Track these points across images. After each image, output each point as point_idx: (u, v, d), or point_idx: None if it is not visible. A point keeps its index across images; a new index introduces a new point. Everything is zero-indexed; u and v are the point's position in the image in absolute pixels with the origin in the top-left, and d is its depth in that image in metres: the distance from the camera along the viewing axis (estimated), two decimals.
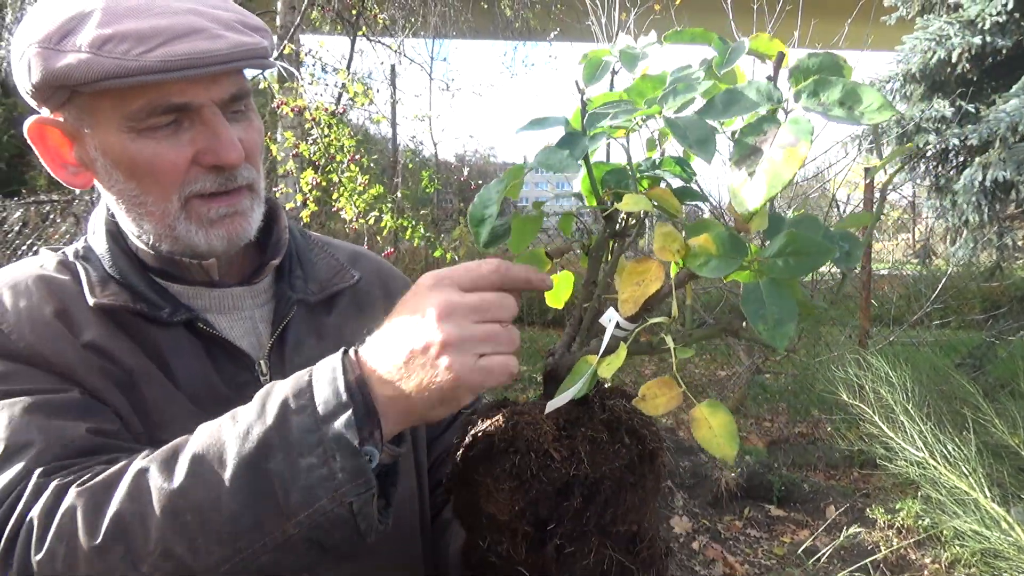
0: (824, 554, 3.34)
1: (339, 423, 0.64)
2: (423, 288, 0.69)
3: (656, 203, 0.67)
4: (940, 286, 5.47)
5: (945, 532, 3.01)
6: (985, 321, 5.90)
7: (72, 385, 0.78)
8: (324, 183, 4.51)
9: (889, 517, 3.64)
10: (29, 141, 0.84)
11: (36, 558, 0.64)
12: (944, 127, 5.49)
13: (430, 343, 0.65)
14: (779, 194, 0.57)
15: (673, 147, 0.74)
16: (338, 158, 4.48)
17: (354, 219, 4.42)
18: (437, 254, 4.88)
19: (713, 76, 0.66)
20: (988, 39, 5.25)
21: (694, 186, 0.74)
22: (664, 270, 0.66)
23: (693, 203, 0.75)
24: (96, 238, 0.90)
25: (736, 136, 0.60)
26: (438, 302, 0.66)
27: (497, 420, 0.72)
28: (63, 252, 0.91)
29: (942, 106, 5.48)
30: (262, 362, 0.90)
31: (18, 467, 0.70)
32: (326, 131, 4.42)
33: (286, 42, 4.92)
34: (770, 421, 5.11)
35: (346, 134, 4.49)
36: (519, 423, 0.70)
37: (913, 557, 3.37)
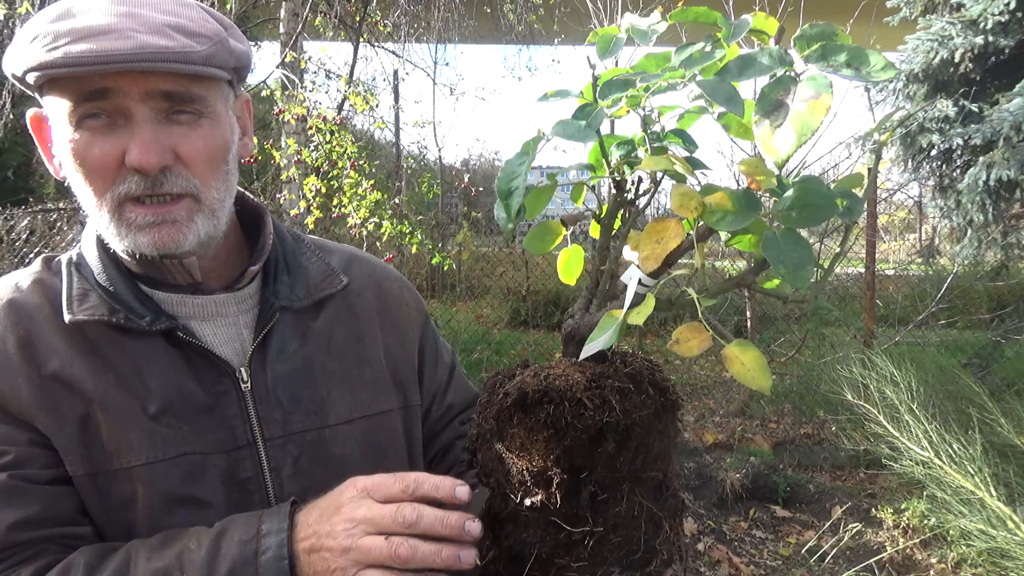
0: (830, 554, 3.33)
1: None
2: (347, 491, 0.76)
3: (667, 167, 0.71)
4: (945, 286, 5.45)
5: (951, 532, 3.00)
6: (991, 321, 5.88)
7: (18, 437, 0.80)
8: (325, 189, 4.52)
9: (895, 517, 3.63)
10: (30, 130, 0.89)
11: None
12: (947, 127, 5.48)
13: (324, 543, 0.73)
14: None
15: (671, 123, 0.79)
16: (340, 164, 4.49)
17: (356, 225, 4.43)
18: (435, 261, 4.89)
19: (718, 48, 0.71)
20: (991, 39, 5.24)
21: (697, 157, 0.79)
22: (682, 228, 0.69)
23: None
24: (87, 246, 0.92)
25: (761, 93, 0.64)
26: (348, 510, 0.74)
27: (527, 375, 0.75)
28: (58, 260, 0.92)
29: (945, 106, 5.47)
30: (243, 369, 0.90)
31: None
32: (328, 137, 4.44)
33: (288, 50, 4.94)
34: (775, 422, 5.10)
35: (348, 140, 4.51)
36: (550, 375, 0.73)
37: (919, 557, 3.37)
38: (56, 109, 0.82)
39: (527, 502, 0.72)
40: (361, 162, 4.50)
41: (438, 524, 0.72)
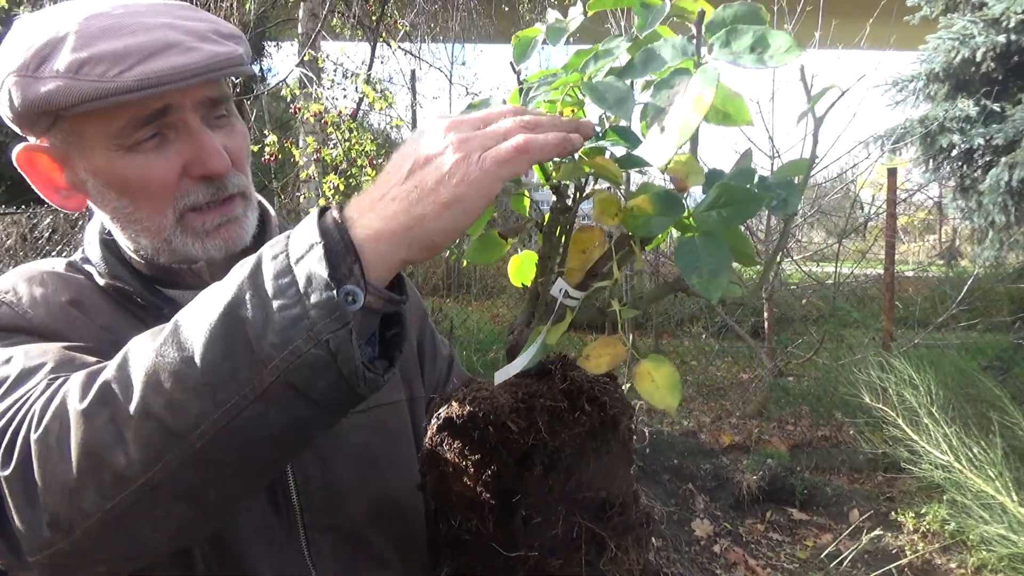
0: (847, 558, 3.31)
1: (311, 260, 0.58)
2: (426, 125, 0.63)
3: (593, 171, 0.68)
4: (966, 288, 5.39)
5: (971, 537, 2.97)
6: (1012, 323, 5.81)
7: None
8: (343, 187, 4.55)
9: (914, 521, 3.60)
10: (19, 168, 0.84)
11: (33, 437, 0.62)
12: (969, 127, 5.42)
13: (427, 155, 0.59)
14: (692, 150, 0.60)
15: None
16: (359, 162, 4.52)
17: None
18: (453, 258, 4.90)
19: (638, 43, 0.67)
20: (1013, 37, 5.18)
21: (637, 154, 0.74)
22: (607, 237, 0.67)
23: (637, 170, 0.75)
24: (91, 249, 0.91)
25: (652, 91, 0.60)
26: (439, 125, 0.61)
27: (455, 399, 0.73)
28: (67, 260, 0.92)
29: (966, 105, 5.41)
30: None
31: (32, 381, 0.69)
32: (346, 135, 4.47)
33: (307, 49, 4.97)
34: (792, 424, 5.07)
35: (367, 138, 4.53)
36: (476, 399, 0.71)
37: (939, 562, 3.33)
38: (90, 137, 0.79)
39: (464, 526, 0.71)
40: (379, 160, 4.53)
41: (556, 119, 0.63)
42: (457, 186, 0.58)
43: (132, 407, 0.59)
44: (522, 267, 0.83)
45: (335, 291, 0.57)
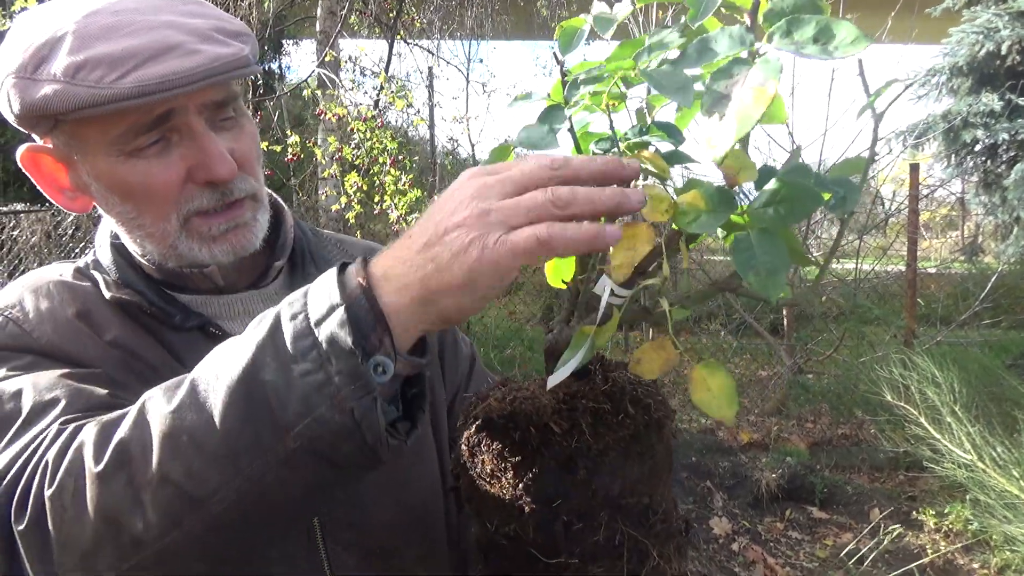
0: (868, 557, 3.28)
1: (333, 323, 0.56)
2: (458, 180, 0.60)
3: (643, 166, 0.66)
4: (990, 285, 5.32)
5: (994, 537, 2.93)
6: None
7: (100, 374, 0.77)
8: (366, 186, 4.57)
9: (936, 521, 3.56)
10: (24, 169, 0.82)
11: (47, 494, 0.61)
12: (993, 121, 5.34)
13: (447, 226, 0.56)
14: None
15: (663, 115, 0.74)
16: (380, 160, 4.54)
17: (397, 220, 4.48)
18: None
19: (691, 34, 0.65)
20: None
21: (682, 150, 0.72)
22: (655, 232, 0.64)
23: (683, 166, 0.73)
24: (102, 252, 0.89)
25: (709, 80, 0.58)
26: (467, 187, 0.58)
27: (494, 398, 0.70)
28: (76, 265, 0.90)
29: (991, 100, 5.33)
30: None
31: (42, 423, 0.68)
32: (367, 135, 4.49)
33: (328, 49, 5.00)
34: (812, 422, 5.03)
35: (388, 136, 4.55)
36: (517, 398, 0.68)
37: (961, 562, 3.30)
38: (91, 142, 0.77)
39: (501, 530, 0.68)
40: (401, 157, 4.55)
41: (595, 194, 0.57)
42: (471, 269, 0.55)
43: (150, 472, 0.58)
44: (559, 264, 0.81)
45: (359, 359, 0.55)
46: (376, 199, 4.58)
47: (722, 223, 0.60)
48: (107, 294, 0.83)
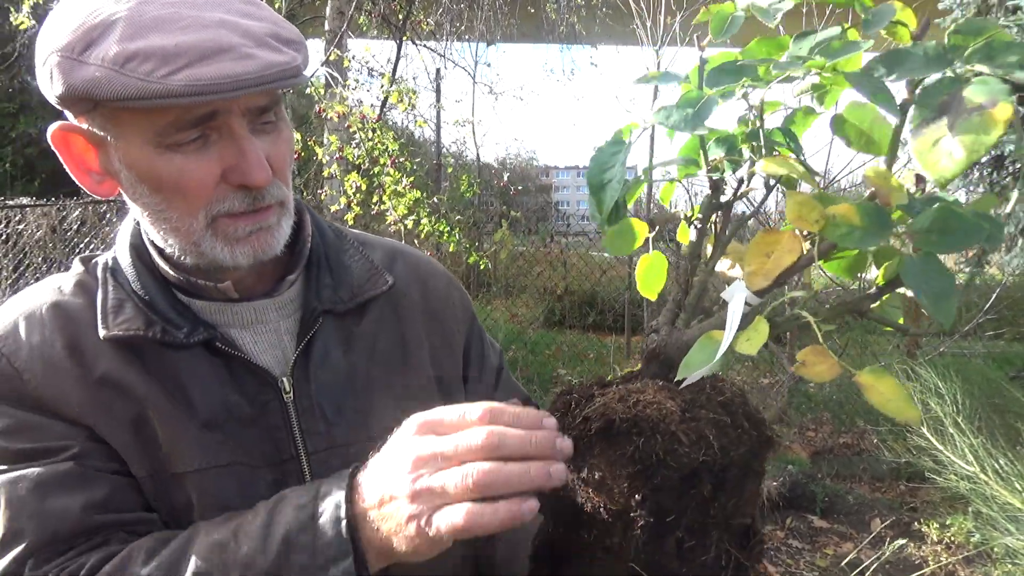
0: (870, 568, 3.27)
1: (337, 571, 0.67)
2: (407, 431, 0.70)
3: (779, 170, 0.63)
4: (994, 296, 5.30)
5: (996, 549, 2.92)
6: None
7: (77, 434, 0.79)
8: (366, 186, 4.57)
9: (938, 532, 3.55)
10: (52, 147, 0.81)
11: None
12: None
13: (390, 493, 0.67)
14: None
15: (773, 120, 0.70)
16: (381, 161, 4.54)
17: (396, 222, 4.48)
18: (471, 260, 4.91)
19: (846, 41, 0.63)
20: None
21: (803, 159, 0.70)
22: (799, 241, 0.61)
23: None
24: (122, 251, 0.89)
25: (920, 96, 0.55)
26: (408, 452, 0.67)
27: (612, 399, 0.65)
28: (95, 262, 0.90)
29: None
30: (285, 379, 0.87)
31: (9, 557, 0.73)
32: (369, 135, 4.49)
33: (333, 48, 5.00)
34: (813, 431, 5.02)
35: (389, 137, 4.55)
36: (640, 401, 0.64)
37: (962, 574, 3.28)
38: (129, 129, 0.76)
39: (604, 542, 0.64)
40: (402, 159, 4.54)
41: (525, 444, 0.64)
42: (411, 541, 0.65)
43: None
44: (650, 272, 0.77)
45: None
46: (375, 199, 4.58)
47: (878, 242, 0.58)
48: (101, 332, 0.82)
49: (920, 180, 0.66)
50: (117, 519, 0.78)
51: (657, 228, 0.75)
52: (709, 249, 0.73)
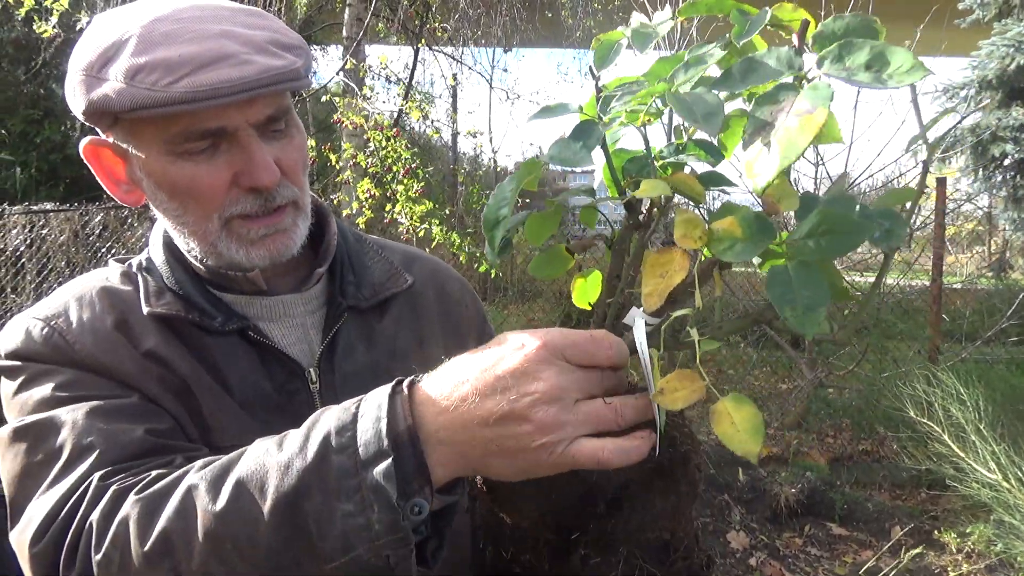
0: (888, 575, 3.23)
1: (379, 472, 0.59)
2: (533, 350, 0.60)
3: (676, 189, 0.63)
4: (1017, 301, 5.23)
5: (1019, 558, 2.87)
6: None
7: (132, 391, 0.82)
8: (379, 194, 4.61)
9: (959, 541, 3.50)
10: (85, 160, 0.87)
11: (95, 558, 0.67)
12: (1022, 136, 5.26)
13: (512, 408, 0.58)
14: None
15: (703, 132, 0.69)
16: (395, 168, 4.58)
17: (407, 230, 4.51)
18: (482, 269, 4.92)
19: (734, 52, 0.63)
20: None
21: (720, 171, 0.69)
22: (689, 259, 0.61)
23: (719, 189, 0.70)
24: (155, 250, 0.94)
25: (752, 107, 0.56)
26: (546, 377, 0.59)
27: None
28: (129, 264, 0.95)
29: (1020, 114, 5.26)
30: (312, 370, 0.91)
31: (80, 471, 0.74)
32: (383, 143, 4.53)
33: (348, 56, 5.04)
34: (833, 437, 4.97)
35: (403, 145, 4.59)
36: None
37: None
38: (146, 140, 0.81)
39: (516, 559, 0.67)
40: (414, 166, 4.58)
41: (635, 411, 0.62)
42: (533, 466, 0.60)
43: (194, 564, 0.63)
44: (585, 288, 0.78)
45: (400, 514, 0.59)
46: (388, 208, 4.62)
47: (759, 253, 0.57)
48: (145, 309, 0.87)
49: (941, 184, 0.64)
50: (179, 445, 0.80)
51: (585, 251, 0.75)
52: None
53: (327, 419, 0.64)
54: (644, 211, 0.70)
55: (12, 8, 4.63)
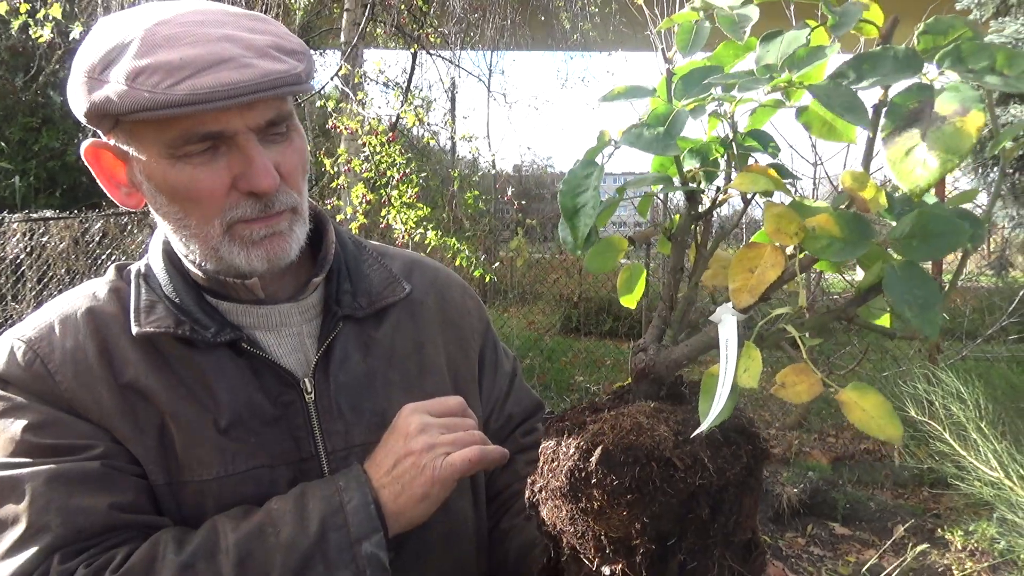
0: (891, 574, 3.22)
1: (370, 544, 0.78)
2: (403, 415, 0.86)
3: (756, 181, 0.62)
4: (1017, 299, 5.22)
5: (1022, 556, 2.87)
6: None
7: (102, 436, 0.82)
8: (374, 199, 4.61)
9: (962, 539, 3.50)
10: (86, 162, 0.87)
11: None
12: (1021, 133, 5.26)
13: (410, 451, 0.82)
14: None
15: (743, 119, 0.68)
16: (389, 174, 4.57)
17: (402, 235, 4.51)
18: (477, 274, 4.92)
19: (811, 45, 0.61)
20: None
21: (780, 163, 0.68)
22: (783, 255, 0.59)
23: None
24: (154, 257, 0.93)
25: (891, 104, 0.54)
26: (413, 423, 0.85)
27: (604, 427, 0.66)
28: (128, 271, 0.94)
29: (1019, 111, 5.26)
30: (307, 380, 0.91)
31: (35, 548, 0.75)
32: (378, 148, 4.53)
33: (343, 63, 5.05)
34: (834, 436, 4.97)
35: (397, 151, 4.59)
36: (633, 428, 0.64)
37: None
38: (146, 143, 0.80)
39: (605, 570, 0.65)
40: (408, 171, 4.58)
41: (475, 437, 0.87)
42: (428, 485, 0.81)
43: None
44: (630, 283, 0.76)
45: (388, 571, 0.81)
46: (383, 213, 4.62)
47: (860, 252, 0.56)
48: (134, 329, 0.86)
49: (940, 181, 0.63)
50: (141, 520, 0.81)
51: (646, 241, 0.74)
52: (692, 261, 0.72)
53: (316, 504, 0.80)
54: (707, 203, 0.68)
55: (8, 17, 4.62)
